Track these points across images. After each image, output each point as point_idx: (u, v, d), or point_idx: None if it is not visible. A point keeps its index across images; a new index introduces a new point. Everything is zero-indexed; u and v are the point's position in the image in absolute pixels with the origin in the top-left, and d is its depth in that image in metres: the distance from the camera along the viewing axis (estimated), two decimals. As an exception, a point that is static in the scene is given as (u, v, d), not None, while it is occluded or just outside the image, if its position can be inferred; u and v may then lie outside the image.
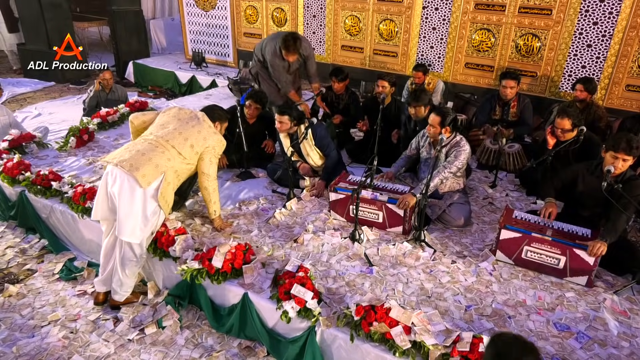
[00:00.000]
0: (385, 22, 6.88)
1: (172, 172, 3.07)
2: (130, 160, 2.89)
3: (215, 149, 3.29)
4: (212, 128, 3.30)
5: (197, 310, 3.21)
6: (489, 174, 4.48)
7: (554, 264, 3.00)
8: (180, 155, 3.10)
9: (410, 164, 4.08)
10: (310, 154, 4.08)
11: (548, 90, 5.92)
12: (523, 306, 2.78)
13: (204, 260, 2.96)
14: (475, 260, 3.18)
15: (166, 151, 3.04)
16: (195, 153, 3.18)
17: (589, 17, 5.43)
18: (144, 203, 2.95)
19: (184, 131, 3.17)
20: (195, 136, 3.18)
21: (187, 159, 3.14)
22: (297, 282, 2.68)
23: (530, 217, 3.20)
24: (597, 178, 3.13)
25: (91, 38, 12.02)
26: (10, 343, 2.94)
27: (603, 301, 2.83)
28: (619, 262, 3.07)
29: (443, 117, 3.52)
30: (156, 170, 2.96)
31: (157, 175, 2.97)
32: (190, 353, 2.89)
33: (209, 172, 3.29)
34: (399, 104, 4.87)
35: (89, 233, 3.71)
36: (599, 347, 2.49)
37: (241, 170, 4.39)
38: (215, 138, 3.29)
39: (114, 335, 3.02)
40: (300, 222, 3.62)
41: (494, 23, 6.02)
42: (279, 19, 7.94)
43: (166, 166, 3.01)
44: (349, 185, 3.57)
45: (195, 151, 3.18)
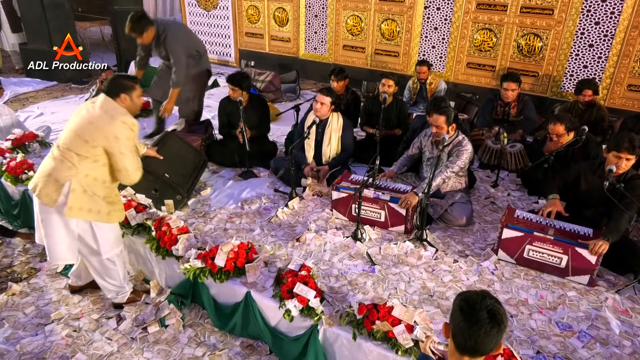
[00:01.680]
0: (387, 22, 6.89)
1: (80, 177, 2.69)
2: (35, 181, 2.76)
3: (119, 138, 2.70)
4: (110, 112, 2.73)
5: (199, 309, 3.22)
6: (490, 173, 4.49)
7: (555, 263, 3.00)
8: (80, 156, 2.67)
9: (412, 163, 4.08)
10: (331, 143, 4.10)
11: (550, 90, 5.93)
12: (525, 305, 2.78)
13: (207, 259, 2.96)
14: (477, 260, 3.19)
15: (65, 159, 2.69)
16: (93, 147, 2.68)
17: (591, 17, 5.44)
18: (62, 221, 2.76)
19: (77, 127, 2.71)
20: (87, 128, 2.69)
21: (90, 157, 2.69)
22: (299, 281, 2.68)
23: (533, 216, 3.21)
24: (599, 177, 3.13)
25: (93, 38, 12.03)
26: (14, 341, 2.95)
27: (605, 300, 2.84)
28: (621, 262, 3.08)
29: (448, 116, 3.52)
30: (57, 184, 2.68)
31: (59, 189, 2.68)
32: (193, 351, 2.90)
33: (125, 166, 2.77)
34: (401, 104, 4.88)
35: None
36: (601, 346, 2.50)
37: (243, 170, 4.40)
38: (115, 125, 2.70)
39: (117, 334, 3.02)
40: (303, 221, 3.63)
41: (496, 23, 6.03)
42: (280, 18, 7.95)
43: (67, 175, 2.67)
44: (351, 184, 3.58)
45: (92, 145, 2.67)
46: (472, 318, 1.47)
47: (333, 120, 4.07)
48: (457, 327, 1.51)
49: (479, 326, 1.45)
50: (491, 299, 1.51)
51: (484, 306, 1.48)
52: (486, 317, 1.46)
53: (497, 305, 1.50)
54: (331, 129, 4.06)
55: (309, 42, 7.86)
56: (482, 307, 1.47)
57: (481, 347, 1.48)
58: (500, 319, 1.47)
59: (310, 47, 7.88)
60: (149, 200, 3.61)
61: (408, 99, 5.91)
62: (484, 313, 1.46)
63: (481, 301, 1.49)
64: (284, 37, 8.05)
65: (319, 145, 4.13)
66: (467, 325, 1.47)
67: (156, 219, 3.34)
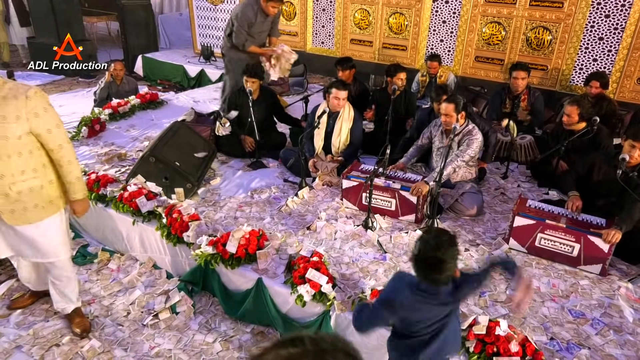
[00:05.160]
0: (395, 16, 6.87)
1: (20, 163, 2.34)
2: None
3: (35, 108, 2.30)
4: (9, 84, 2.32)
5: (210, 297, 3.22)
6: (500, 165, 4.47)
7: (567, 252, 2.99)
8: (7, 138, 2.27)
9: (421, 154, 4.07)
10: (341, 134, 4.09)
11: (559, 84, 5.90)
12: (537, 293, 2.77)
13: (218, 245, 2.97)
14: (488, 249, 3.18)
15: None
16: (14, 126, 2.26)
17: (601, 10, 5.40)
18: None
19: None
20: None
21: (17, 138, 2.29)
22: (311, 267, 2.68)
23: (545, 205, 3.19)
24: (613, 168, 3.11)
25: (99, 33, 12.08)
26: (26, 326, 2.96)
27: (618, 289, 2.82)
28: (633, 251, 3.06)
29: (457, 104, 3.51)
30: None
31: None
32: (204, 338, 2.91)
33: (61, 142, 2.43)
34: (409, 95, 4.87)
35: (101, 221, 3.73)
36: (614, 333, 2.49)
37: (252, 160, 4.40)
38: (24, 99, 2.26)
39: (128, 320, 3.04)
40: (313, 210, 3.63)
41: (505, 16, 6.00)
42: (288, 12, 7.94)
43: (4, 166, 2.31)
44: (362, 174, 3.57)
45: (7, 124, 2.25)
46: None
47: (345, 111, 4.07)
48: None
49: None
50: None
51: None
52: None
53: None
54: (342, 120, 4.05)
55: (317, 36, 7.85)
56: None
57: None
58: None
59: (317, 41, 7.87)
60: (160, 189, 3.62)
61: (416, 91, 5.90)
62: None
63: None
64: (292, 31, 8.04)
65: (328, 136, 4.13)
66: None
67: (167, 207, 3.35)
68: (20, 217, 2.44)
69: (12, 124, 2.26)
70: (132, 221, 3.44)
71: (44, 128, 2.36)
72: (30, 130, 2.33)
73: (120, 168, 4.20)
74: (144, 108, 5.83)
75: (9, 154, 2.31)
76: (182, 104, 6.27)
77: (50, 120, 2.39)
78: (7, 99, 2.26)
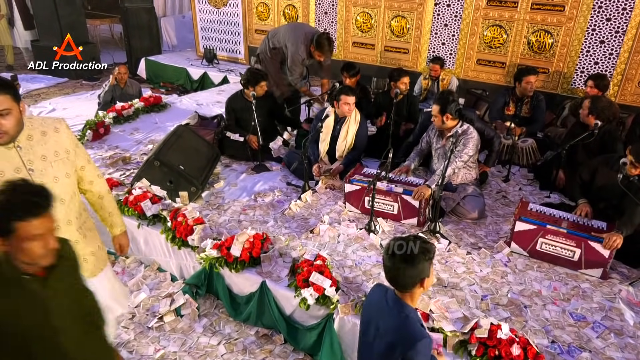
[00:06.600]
0: (397, 19, 6.90)
1: (70, 206, 2.15)
2: None
3: (65, 143, 2.12)
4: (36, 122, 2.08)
5: (214, 299, 3.26)
6: (502, 168, 4.50)
7: (568, 256, 3.01)
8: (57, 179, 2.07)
9: (423, 158, 4.10)
10: (347, 138, 4.12)
11: (560, 87, 5.92)
12: (539, 296, 2.80)
13: (223, 249, 3.00)
14: (490, 252, 3.21)
15: None
16: (52, 164, 2.05)
17: (602, 13, 5.42)
18: None
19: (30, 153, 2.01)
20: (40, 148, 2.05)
21: (66, 176, 2.12)
22: (315, 270, 2.71)
23: (546, 209, 3.22)
24: (616, 172, 3.13)
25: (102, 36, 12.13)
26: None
27: (619, 292, 2.85)
28: (634, 254, 3.08)
29: (441, 106, 3.53)
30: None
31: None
32: (209, 340, 2.94)
33: (98, 172, 2.33)
34: (411, 99, 4.90)
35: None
36: (615, 336, 2.51)
37: (255, 164, 4.43)
38: (60, 132, 2.10)
39: (133, 323, 3.07)
40: (316, 213, 3.66)
41: (506, 19, 6.02)
42: (290, 15, 7.98)
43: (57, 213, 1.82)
44: (364, 177, 3.60)
45: (49, 162, 2.04)
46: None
47: (351, 115, 4.10)
48: None
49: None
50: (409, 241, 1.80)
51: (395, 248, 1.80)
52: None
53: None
54: (349, 124, 4.08)
55: (319, 39, 7.88)
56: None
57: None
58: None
59: (319, 44, 7.91)
60: (164, 192, 3.65)
61: (418, 94, 5.93)
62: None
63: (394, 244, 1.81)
64: (294, 34, 8.08)
65: (334, 140, 4.16)
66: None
67: (171, 210, 3.38)
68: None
69: (63, 158, 2.08)
70: (137, 224, 3.48)
71: (81, 163, 2.21)
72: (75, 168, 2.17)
73: (124, 171, 4.24)
74: (148, 111, 5.87)
75: (62, 198, 2.06)
76: (186, 107, 6.30)
77: (84, 153, 2.25)
78: (47, 135, 2.06)
